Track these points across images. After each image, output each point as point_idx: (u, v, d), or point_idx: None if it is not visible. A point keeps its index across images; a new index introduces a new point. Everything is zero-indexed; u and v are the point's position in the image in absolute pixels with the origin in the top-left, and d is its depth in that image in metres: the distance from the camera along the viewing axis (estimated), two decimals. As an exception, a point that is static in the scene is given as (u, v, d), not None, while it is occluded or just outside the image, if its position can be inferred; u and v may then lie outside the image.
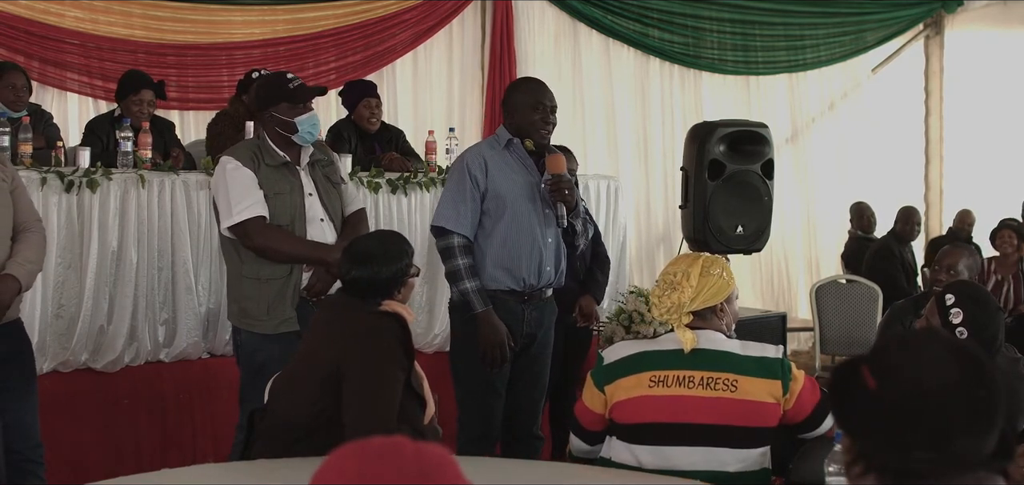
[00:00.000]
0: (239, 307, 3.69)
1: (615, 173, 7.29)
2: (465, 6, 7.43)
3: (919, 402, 1.47)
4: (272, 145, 3.70)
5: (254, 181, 3.60)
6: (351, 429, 2.74)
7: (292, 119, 3.66)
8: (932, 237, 8.83)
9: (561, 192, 3.68)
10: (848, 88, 9.23)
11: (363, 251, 3.01)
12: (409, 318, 2.98)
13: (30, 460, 3.52)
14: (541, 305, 3.87)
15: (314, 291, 3.66)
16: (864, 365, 1.54)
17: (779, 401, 2.77)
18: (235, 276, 3.72)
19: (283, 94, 3.66)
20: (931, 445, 1.47)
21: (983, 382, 1.49)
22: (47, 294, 4.37)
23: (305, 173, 3.74)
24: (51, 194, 4.35)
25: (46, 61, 6.12)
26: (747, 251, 5.63)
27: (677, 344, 2.81)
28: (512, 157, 3.82)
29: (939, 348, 1.52)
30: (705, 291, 2.83)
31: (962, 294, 3.06)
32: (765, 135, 5.48)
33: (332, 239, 3.71)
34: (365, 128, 5.67)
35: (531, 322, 3.83)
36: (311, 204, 3.71)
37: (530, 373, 3.90)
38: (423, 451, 1.09)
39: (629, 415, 2.82)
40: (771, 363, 2.79)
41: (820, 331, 6.84)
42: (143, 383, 4.61)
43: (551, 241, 3.81)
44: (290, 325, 3.61)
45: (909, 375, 1.50)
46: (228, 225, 3.60)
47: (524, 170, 3.80)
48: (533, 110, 3.79)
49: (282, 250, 3.60)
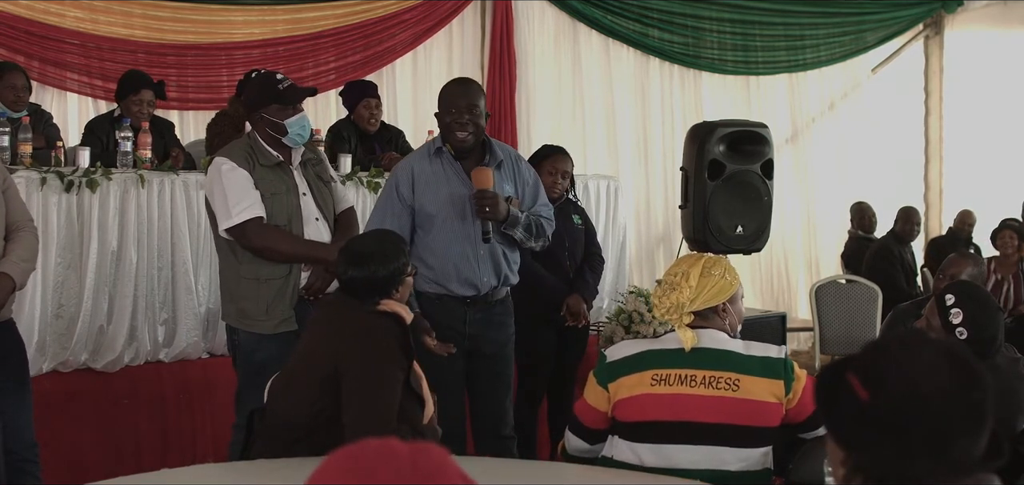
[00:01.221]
0: (237, 308, 3.69)
1: (615, 173, 7.29)
2: (465, 6, 7.43)
3: (917, 410, 1.46)
4: (265, 145, 3.68)
5: (250, 181, 3.60)
6: (350, 429, 2.74)
7: (282, 121, 3.64)
8: (932, 237, 8.83)
9: (482, 209, 3.62)
10: (848, 88, 9.23)
11: (360, 251, 3.00)
12: (407, 317, 2.98)
13: (26, 460, 3.52)
14: (487, 308, 3.82)
15: (312, 290, 3.66)
16: (851, 374, 1.52)
17: (781, 401, 2.77)
18: (232, 277, 3.70)
19: (273, 96, 3.65)
20: (931, 452, 1.46)
21: (977, 384, 1.48)
22: (47, 294, 4.37)
23: (298, 173, 3.74)
24: (51, 194, 4.35)
25: (46, 61, 6.12)
26: (747, 251, 5.62)
27: (679, 343, 2.81)
28: (442, 166, 3.77)
29: (930, 354, 1.50)
30: (705, 292, 2.83)
31: (962, 294, 3.06)
32: (765, 135, 5.48)
33: (327, 238, 3.71)
34: (365, 129, 5.68)
35: (474, 324, 3.79)
36: (306, 204, 3.71)
37: (488, 375, 3.87)
38: (421, 452, 1.08)
39: (631, 413, 2.82)
40: (774, 363, 2.79)
41: (820, 331, 6.83)
42: (143, 383, 4.61)
43: (484, 252, 3.74)
44: (289, 325, 3.62)
45: (903, 384, 1.48)
46: (227, 227, 3.59)
47: (451, 181, 3.74)
48: (446, 113, 3.74)
49: (282, 250, 3.60)
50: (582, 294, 4.63)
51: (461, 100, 3.73)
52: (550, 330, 4.60)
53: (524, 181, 3.90)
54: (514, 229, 3.74)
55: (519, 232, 3.76)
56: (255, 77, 3.79)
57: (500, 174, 3.80)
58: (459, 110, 3.71)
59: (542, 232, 3.87)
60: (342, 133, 5.63)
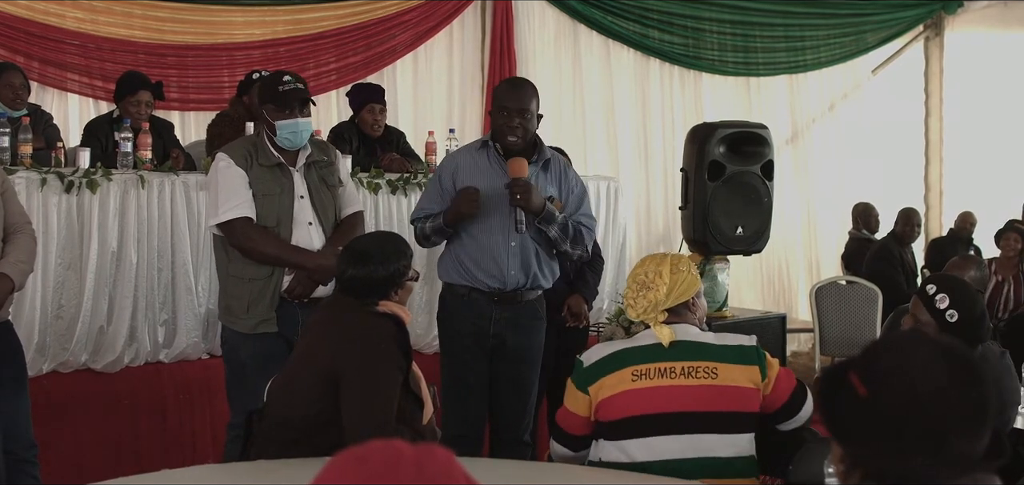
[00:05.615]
0: (225, 304, 3.73)
1: (615, 174, 7.30)
2: (465, 7, 7.43)
3: (914, 408, 1.47)
4: (268, 145, 3.70)
5: (244, 181, 3.61)
6: (350, 430, 2.74)
7: (274, 121, 3.65)
8: (932, 238, 8.83)
9: (514, 196, 3.69)
10: (848, 89, 9.23)
11: (360, 251, 3.00)
12: (406, 319, 2.98)
13: (24, 460, 3.53)
14: (516, 307, 3.86)
15: (294, 294, 3.65)
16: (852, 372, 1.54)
17: (758, 387, 2.85)
18: (223, 274, 3.75)
19: (270, 95, 3.66)
20: (929, 449, 1.47)
21: (975, 382, 1.49)
22: (47, 294, 4.37)
23: (299, 175, 3.72)
24: (51, 195, 4.35)
25: (46, 61, 6.12)
26: (747, 252, 5.63)
27: (654, 339, 2.88)
28: (487, 159, 3.85)
29: (928, 351, 1.52)
30: (677, 287, 2.92)
31: (942, 281, 3.12)
32: (765, 136, 5.48)
33: (319, 243, 3.69)
34: (368, 133, 5.67)
35: (500, 323, 3.83)
36: (301, 207, 3.69)
37: (510, 377, 3.89)
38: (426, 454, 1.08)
39: (614, 411, 2.86)
40: (747, 350, 2.88)
41: (820, 332, 6.84)
42: (143, 383, 4.61)
43: (515, 245, 3.79)
44: (268, 326, 3.63)
45: (902, 381, 1.49)
46: (214, 223, 3.64)
47: (492, 175, 3.81)
48: (498, 113, 3.82)
49: (264, 252, 3.61)
50: (583, 294, 4.64)
51: (512, 103, 3.79)
52: (550, 330, 4.60)
53: (570, 188, 3.94)
54: (549, 226, 3.78)
55: (554, 230, 3.80)
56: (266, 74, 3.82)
57: (546, 175, 3.86)
58: (510, 113, 3.77)
59: (581, 238, 3.89)
60: (344, 134, 5.63)
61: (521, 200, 3.68)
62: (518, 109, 3.77)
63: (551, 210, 3.78)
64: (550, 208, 3.78)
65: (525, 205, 3.70)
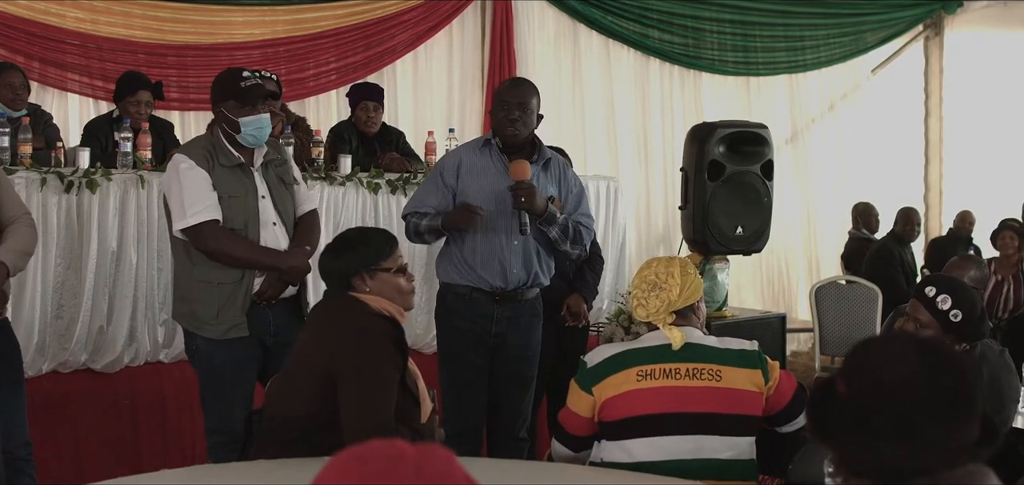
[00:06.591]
0: (189, 309, 3.60)
1: (615, 174, 7.30)
2: (465, 6, 7.43)
3: (881, 396, 1.50)
4: (226, 144, 3.59)
5: (208, 182, 3.50)
6: (348, 429, 2.73)
7: (236, 118, 3.55)
8: (932, 238, 8.83)
9: (518, 199, 3.69)
10: (848, 89, 9.24)
11: (341, 238, 3.04)
12: (402, 318, 2.97)
13: (20, 459, 3.52)
14: (516, 306, 3.88)
15: (265, 297, 3.58)
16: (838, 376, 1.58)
17: (761, 390, 2.88)
18: (185, 278, 3.62)
19: (232, 92, 3.57)
20: (897, 436, 1.48)
21: (946, 370, 1.50)
22: (46, 294, 4.37)
23: (259, 174, 3.63)
24: (51, 194, 4.35)
25: (46, 61, 6.12)
26: (747, 252, 5.62)
27: (660, 341, 2.90)
28: (490, 158, 3.86)
29: (901, 344, 1.55)
30: (687, 289, 2.94)
31: (941, 282, 3.12)
32: (765, 136, 5.48)
33: (284, 243, 3.63)
34: (363, 130, 5.70)
35: (501, 322, 3.85)
36: (264, 207, 3.60)
37: (509, 374, 3.91)
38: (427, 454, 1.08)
39: (619, 411, 2.86)
40: (750, 354, 2.91)
41: (820, 332, 6.83)
42: (143, 383, 4.62)
43: (517, 244, 3.81)
44: (240, 330, 3.54)
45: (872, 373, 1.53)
46: (181, 228, 3.50)
47: (495, 174, 3.82)
48: (499, 108, 3.84)
49: (235, 255, 3.51)
50: (582, 294, 4.65)
51: (512, 97, 3.83)
52: (550, 330, 4.60)
53: (569, 187, 3.96)
54: (550, 227, 3.81)
55: (555, 231, 3.82)
56: (220, 73, 3.75)
57: (546, 175, 3.88)
58: (509, 106, 3.80)
59: (580, 238, 3.91)
60: (343, 134, 5.65)
61: (525, 203, 3.70)
62: (518, 102, 3.80)
63: (553, 211, 3.81)
64: (552, 209, 3.80)
65: (529, 208, 3.71)
